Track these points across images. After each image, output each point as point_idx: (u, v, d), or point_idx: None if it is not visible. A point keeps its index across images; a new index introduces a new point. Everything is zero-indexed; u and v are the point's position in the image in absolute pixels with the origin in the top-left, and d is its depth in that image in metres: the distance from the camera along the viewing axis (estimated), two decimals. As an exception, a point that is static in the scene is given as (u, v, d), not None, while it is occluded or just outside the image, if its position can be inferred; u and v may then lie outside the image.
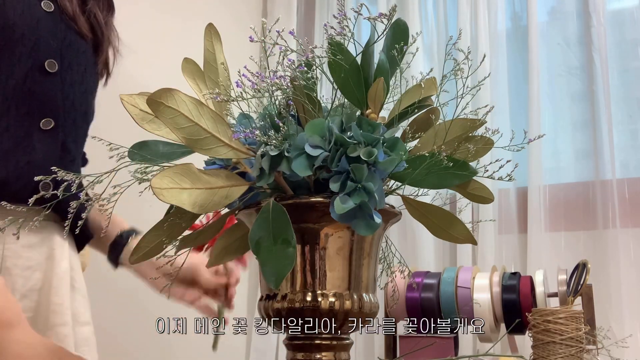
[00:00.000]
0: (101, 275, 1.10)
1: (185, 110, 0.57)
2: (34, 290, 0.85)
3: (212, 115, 0.59)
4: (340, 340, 0.65)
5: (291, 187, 0.64)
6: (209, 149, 0.59)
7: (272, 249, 0.57)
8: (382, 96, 0.63)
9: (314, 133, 0.59)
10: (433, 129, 0.68)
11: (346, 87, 0.64)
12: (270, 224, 0.58)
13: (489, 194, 0.68)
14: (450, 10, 1.92)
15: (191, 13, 1.83)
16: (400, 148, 0.61)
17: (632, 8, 1.73)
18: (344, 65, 0.62)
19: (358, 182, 0.58)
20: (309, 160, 0.59)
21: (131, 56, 1.55)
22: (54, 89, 0.87)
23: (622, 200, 1.62)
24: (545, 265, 1.49)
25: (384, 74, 0.64)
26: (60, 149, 0.88)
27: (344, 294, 0.63)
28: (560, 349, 0.88)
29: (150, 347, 1.52)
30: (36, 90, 0.84)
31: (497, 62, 1.80)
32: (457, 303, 1.26)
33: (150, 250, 0.67)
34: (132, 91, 0.65)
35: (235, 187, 0.61)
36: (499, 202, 1.73)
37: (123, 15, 1.59)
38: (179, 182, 0.57)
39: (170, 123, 0.57)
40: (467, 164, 0.65)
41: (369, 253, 0.66)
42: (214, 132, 0.59)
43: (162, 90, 0.56)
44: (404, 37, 0.66)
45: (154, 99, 0.56)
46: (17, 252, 0.84)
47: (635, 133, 1.72)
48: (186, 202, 0.57)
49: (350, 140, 0.59)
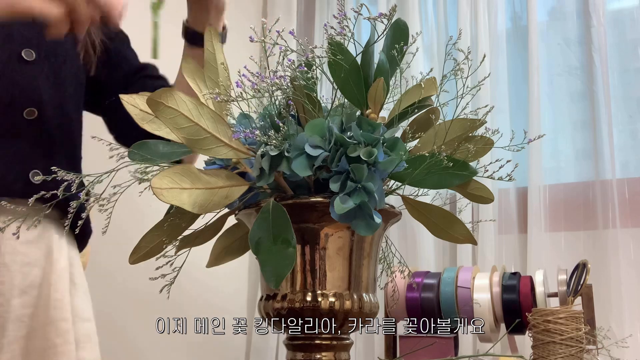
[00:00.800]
0: (101, 273, 1.10)
1: (185, 110, 0.57)
2: (33, 286, 0.85)
3: (212, 115, 0.59)
4: (340, 340, 0.65)
5: (291, 187, 0.64)
6: (209, 149, 0.59)
7: (272, 249, 0.57)
8: (382, 96, 0.63)
9: (314, 133, 0.59)
10: (433, 129, 0.68)
11: (346, 87, 0.64)
12: (270, 224, 0.58)
13: (489, 193, 0.68)
14: (450, 10, 1.92)
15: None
16: (400, 148, 0.61)
17: (632, 8, 1.73)
18: (344, 66, 0.62)
19: (358, 182, 0.58)
20: (309, 160, 0.59)
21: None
22: (34, 78, 0.87)
23: (622, 200, 1.62)
24: (545, 265, 1.49)
25: (384, 74, 0.64)
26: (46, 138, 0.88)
27: (344, 294, 0.63)
28: (560, 349, 0.88)
29: (152, 344, 1.52)
30: (16, 80, 0.85)
31: (497, 62, 1.80)
32: (457, 303, 1.26)
33: (151, 250, 0.67)
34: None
35: (235, 187, 0.61)
36: (499, 202, 1.72)
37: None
38: (179, 182, 0.57)
39: (170, 123, 0.57)
40: (467, 164, 0.65)
41: (369, 253, 0.66)
42: (214, 132, 0.59)
43: (162, 90, 0.56)
44: (404, 37, 0.66)
45: (154, 99, 0.56)
46: (16, 248, 0.84)
47: (635, 133, 1.72)
48: (186, 202, 0.57)
49: (350, 140, 0.59)
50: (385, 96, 0.64)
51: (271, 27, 0.66)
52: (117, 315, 1.46)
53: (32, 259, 0.86)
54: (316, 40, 2.07)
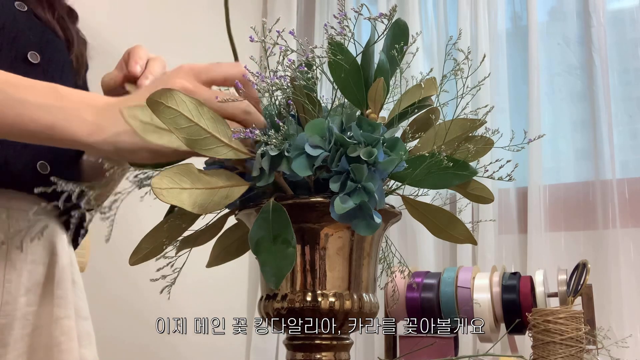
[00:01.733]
0: (100, 274, 1.10)
1: (185, 111, 0.57)
2: (38, 284, 0.86)
3: (212, 115, 0.59)
4: (341, 340, 0.65)
5: (291, 187, 0.64)
6: (209, 149, 0.59)
7: (272, 249, 0.57)
8: (382, 96, 0.63)
9: (314, 133, 0.59)
10: (433, 129, 0.68)
11: (346, 87, 0.64)
12: (271, 224, 0.58)
13: (489, 193, 0.68)
14: (450, 10, 1.92)
15: (191, 13, 1.83)
16: (400, 148, 0.61)
17: (632, 8, 1.73)
18: (344, 66, 0.62)
19: (358, 182, 0.58)
20: (309, 160, 0.59)
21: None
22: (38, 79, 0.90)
23: (622, 200, 1.62)
24: (545, 265, 1.49)
25: (384, 74, 0.64)
26: None
27: (344, 294, 0.63)
28: (560, 349, 0.88)
29: (151, 345, 1.52)
30: None
31: (497, 62, 1.80)
32: (457, 303, 1.26)
33: (151, 251, 0.67)
34: (132, 91, 0.64)
35: (235, 187, 0.61)
36: (499, 202, 1.73)
37: (123, 16, 1.59)
38: (178, 182, 0.57)
39: (171, 123, 0.57)
40: (467, 164, 0.65)
41: (369, 253, 0.66)
42: (214, 132, 0.59)
43: (162, 90, 0.56)
44: (404, 37, 0.66)
45: (153, 99, 0.56)
46: None
47: (635, 133, 1.72)
48: (186, 202, 0.57)
49: (350, 140, 0.59)
50: (385, 96, 0.64)
51: (271, 27, 0.66)
52: (117, 315, 1.46)
53: (37, 256, 0.87)
54: (316, 40, 2.07)
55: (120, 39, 1.07)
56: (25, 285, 0.84)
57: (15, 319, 0.83)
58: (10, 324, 0.82)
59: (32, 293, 0.85)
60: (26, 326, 0.84)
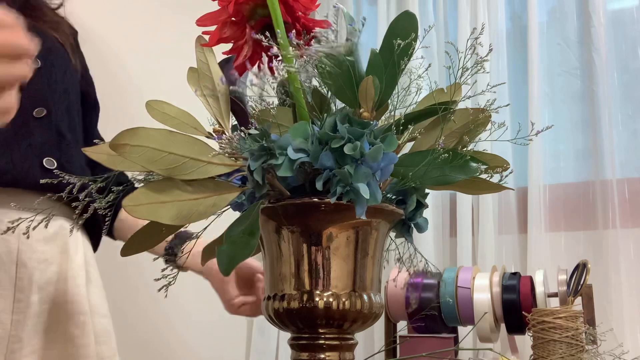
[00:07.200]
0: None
1: (153, 144, 0.56)
2: (50, 283, 0.88)
3: (185, 139, 0.58)
4: (346, 340, 0.65)
5: (288, 189, 0.63)
6: (190, 172, 0.58)
7: (237, 239, 0.56)
8: (373, 93, 0.62)
9: (297, 136, 0.58)
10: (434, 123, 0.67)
11: (338, 88, 0.63)
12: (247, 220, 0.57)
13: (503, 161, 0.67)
14: (450, 10, 1.92)
15: (190, 13, 1.83)
16: (391, 140, 0.59)
17: (632, 8, 1.72)
18: (333, 67, 0.61)
19: (347, 185, 0.57)
20: (291, 164, 0.58)
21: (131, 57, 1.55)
22: (41, 82, 0.93)
23: (622, 200, 1.62)
24: (545, 265, 1.49)
25: (377, 71, 0.63)
26: (55, 134, 0.93)
27: (350, 294, 0.63)
28: (560, 348, 0.88)
29: (149, 344, 1.52)
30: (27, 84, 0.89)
31: (497, 62, 1.80)
32: (457, 303, 1.26)
33: (142, 244, 0.67)
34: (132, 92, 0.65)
35: (223, 195, 0.60)
36: (499, 202, 1.72)
37: (123, 17, 1.59)
38: (157, 196, 0.55)
39: (142, 160, 0.55)
40: (469, 162, 0.64)
41: (373, 252, 0.65)
42: (190, 155, 0.57)
43: (123, 132, 0.56)
44: (414, 29, 0.65)
45: (116, 144, 0.55)
46: (32, 246, 0.87)
47: (635, 133, 1.72)
48: (164, 216, 0.56)
49: (334, 134, 0.58)
50: (377, 93, 0.63)
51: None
52: (116, 315, 1.46)
53: (49, 256, 0.89)
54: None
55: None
56: (37, 284, 0.87)
57: (29, 316, 0.85)
58: (24, 321, 0.84)
59: (45, 291, 0.88)
60: (40, 323, 0.86)
